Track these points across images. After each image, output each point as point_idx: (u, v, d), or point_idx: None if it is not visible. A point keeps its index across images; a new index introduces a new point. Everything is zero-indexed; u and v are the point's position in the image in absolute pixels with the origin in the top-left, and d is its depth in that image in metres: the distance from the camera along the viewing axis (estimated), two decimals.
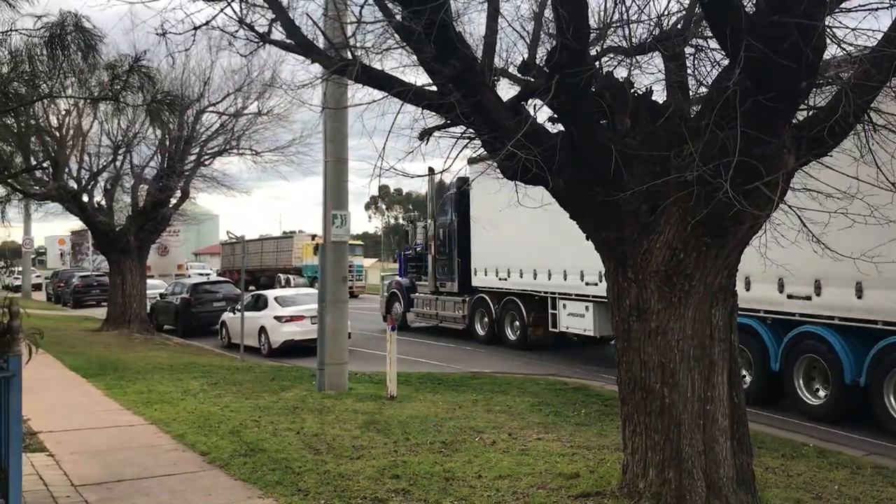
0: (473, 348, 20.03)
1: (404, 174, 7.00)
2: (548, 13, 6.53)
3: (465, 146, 6.78)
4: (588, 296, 16.47)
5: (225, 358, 18.83)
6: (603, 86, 6.32)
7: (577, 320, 17.17)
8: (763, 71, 5.04)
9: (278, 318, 19.44)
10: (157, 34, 7.31)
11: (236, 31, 6.85)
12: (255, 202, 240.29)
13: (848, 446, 9.44)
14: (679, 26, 6.35)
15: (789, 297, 11.45)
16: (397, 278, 25.94)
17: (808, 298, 11.17)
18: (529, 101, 6.60)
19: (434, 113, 6.60)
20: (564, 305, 17.51)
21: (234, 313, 20.64)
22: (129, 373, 15.08)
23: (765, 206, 5.74)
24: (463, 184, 17.13)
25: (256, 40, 6.84)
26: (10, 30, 6.79)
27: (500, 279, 19.62)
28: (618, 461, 7.37)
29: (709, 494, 6.15)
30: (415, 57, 6.37)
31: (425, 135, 6.75)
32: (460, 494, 6.98)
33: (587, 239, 6.89)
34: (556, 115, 6.56)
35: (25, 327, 5.47)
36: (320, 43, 7.23)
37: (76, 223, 32.25)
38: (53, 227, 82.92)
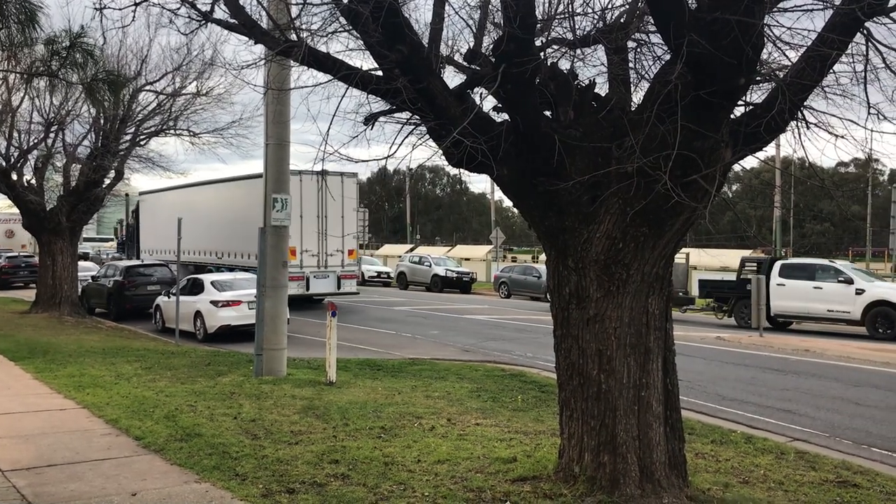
0: (413, 335, 20.10)
1: (349, 159, 6.96)
2: (494, 1, 6.57)
3: (411, 132, 6.78)
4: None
5: (159, 342, 18.49)
6: (548, 77, 6.40)
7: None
8: (704, 66, 5.17)
9: (214, 303, 19.14)
10: (94, 8, 7.14)
11: (178, 9, 6.70)
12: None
13: (773, 433, 9.78)
14: (623, 20, 6.46)
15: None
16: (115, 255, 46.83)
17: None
18: (475, 89, 6.64)
19: (380, 98, 6.57)
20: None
21: (169, 297, 20.26)
22: (59, 356, 14.71)
23: (702, 199, 5.90)
24: (136, 205, 36.50)
25: (198, 19, 6.70)
26: None
27: (150, 255, 33.24)
28: (554, 446, 7.51)
29: (642, 478, 6.32)
30: (361, 41, 6.34)
31: (370, 120, 6.72)
32: (399, 479, 7.02)
33: (529, 228, 6.98)
34: (501, 105, 6.62)
35: None
36: (265, 23, 7.14)
37: (3, 201, 31.17)
38: None
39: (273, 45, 6.61)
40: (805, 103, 5.96)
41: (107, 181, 24.56)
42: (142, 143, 24.56)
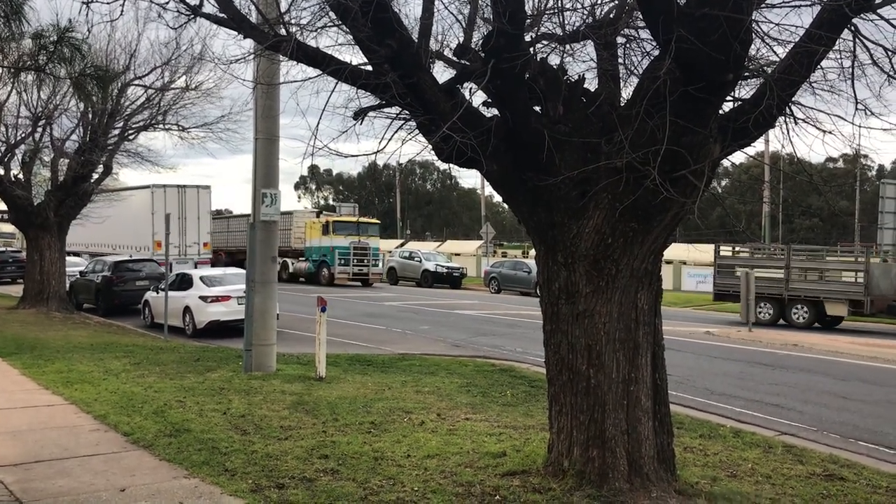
0: (403, 331, 20.10)
1: (338, 154, 6.95)
2: None
3: (401, 127, 6.77)
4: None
5: (148, 338, 18.43)
6: (537, 72, 6.39)
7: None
8: (692, 62, 5.18)
9: (203, 298, 19.08)
10: (82, 2, 7.10)
11: (166, 3, 6.69)
12: (182, 179, 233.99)
13: (762, 427, 9.83)
14: (612, 15, 6.46)
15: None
16: None
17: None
18: (465, 84, 6.63)
19: (369, 93, 6.56)
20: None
21: (158, 292, 20.21)
22: (47, 352, 14.65)
23: (690, 194, 5.91)
24: None
25: (187, 13, 6.68)
26: None
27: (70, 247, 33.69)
28: (543, 441, 7.53)
29: (631, 472, 6.34)
30: (351, 36, 6.33)
31: (360, 115, 6.71)
32: (389, 474, 7.03)
33: (519, 223, 6.98)
34: (490, 100, 6.62)
35: None
36: (254, 18, 7.12)
37: None
38: None
39: (262, 39, 6.59)
40: (793, 99, 5.99)
41: (95, 176, 24.41)
42: (130, 137, 24.43)
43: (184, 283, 20.15)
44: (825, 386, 13.05)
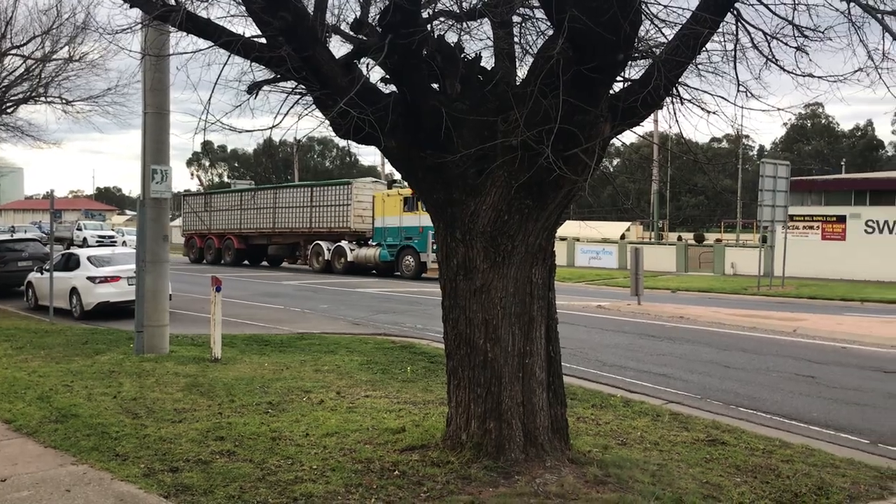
0: (302, 310, 19.89)
1: (231, 129, 6.78)
2: None
3: (297, 102, 6.65)
4: None
5: (32, 321, 17.59)
6: (434, 49, 6.40)
7: None
8: (584, 42, 5.29)
9: (92, 279, 18.35)
10: None
11: None
12: (68, 155, 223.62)
13: (650, 396, 10.24)
14: None
15: None
16: None
17: None
18: (362, 60, 6.57)
19: (264, 66, 6.42)
20: None
21: (42, 273, 19.30)
22: None
23: (582, 172, 6.07)
24: None
25: None
26: None
27: None
28: (442, 415, 7.63)
29: (526, 443, 6.51)
30: (244, 7, 6.17)
31: (254, 88, 6.56)
32: (287, 453, 6.97)
33: (417, 200, 7.01)
34: (389, 76, 6.59)
35: None
36: None
37: None
38: None
39: (150, 9, 6.34)
40: (679, 80, 6.20)
41: None
42: (8, 110, 23.13)
43: (70, 263, 19.31)
44: (709, 356, 13.69)
